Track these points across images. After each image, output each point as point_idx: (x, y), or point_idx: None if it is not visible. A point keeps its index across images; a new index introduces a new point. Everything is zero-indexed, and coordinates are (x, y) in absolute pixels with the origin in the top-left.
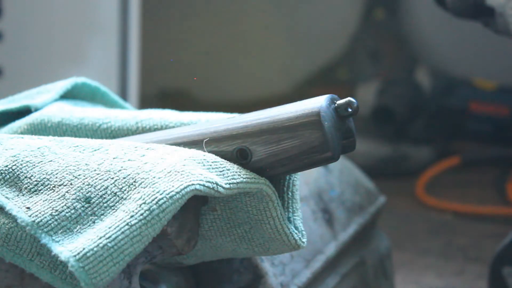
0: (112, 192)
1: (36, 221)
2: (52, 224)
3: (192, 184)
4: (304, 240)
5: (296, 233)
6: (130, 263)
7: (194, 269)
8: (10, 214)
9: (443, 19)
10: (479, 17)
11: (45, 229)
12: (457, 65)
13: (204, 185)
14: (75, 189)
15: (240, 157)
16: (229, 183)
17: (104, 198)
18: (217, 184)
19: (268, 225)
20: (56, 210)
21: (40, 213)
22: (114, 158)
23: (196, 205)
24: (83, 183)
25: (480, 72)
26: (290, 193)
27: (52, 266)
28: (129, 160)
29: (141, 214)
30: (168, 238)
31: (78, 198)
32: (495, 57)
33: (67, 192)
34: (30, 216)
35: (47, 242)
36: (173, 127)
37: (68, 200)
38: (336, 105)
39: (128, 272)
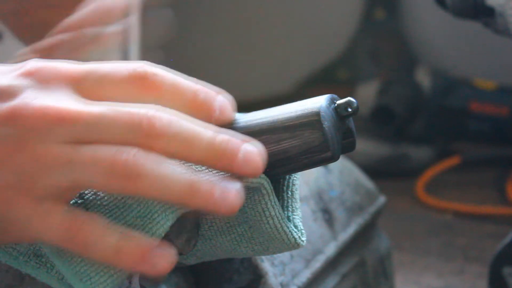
0: None
1: None
2: None
3: None
4: (304, 238)
5: (295, 232)
6: None
7: (194, 269)
8: None
9: (443, 19)
10: (479, 17)
11: None
12: (457, 65)
13: None
14: None
15: None
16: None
17: (98, 195)
18: None
19: (267, 224)
20: None
21: None
22: None
23: None
24: None
25: (480, 72)
26: (289, 192)
27: (49, 266)
28: None
29: None
30: (168, 238)
31: None
32: (495, 57)
33: None
34: None
35: None
36: None
37: None
38: (336, 105)
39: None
